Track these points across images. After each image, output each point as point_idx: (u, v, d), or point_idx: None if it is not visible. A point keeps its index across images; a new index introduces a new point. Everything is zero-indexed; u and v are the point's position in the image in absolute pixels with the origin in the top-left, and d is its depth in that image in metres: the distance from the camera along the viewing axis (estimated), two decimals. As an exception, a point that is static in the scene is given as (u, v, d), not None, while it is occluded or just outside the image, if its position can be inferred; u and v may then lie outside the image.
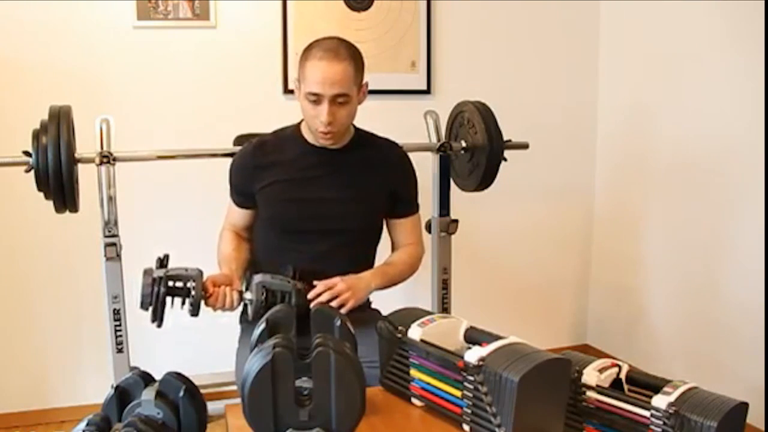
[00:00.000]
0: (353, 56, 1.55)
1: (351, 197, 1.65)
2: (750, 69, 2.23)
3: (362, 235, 1.71)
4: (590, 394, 1.08)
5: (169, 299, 1.41)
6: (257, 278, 1.47)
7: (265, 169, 1.64)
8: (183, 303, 1.43)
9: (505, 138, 2.03)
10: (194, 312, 1.42)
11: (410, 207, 1.76)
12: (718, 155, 2.42)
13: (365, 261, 1.73)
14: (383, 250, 1.83)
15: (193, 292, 1.42)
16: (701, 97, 2.47)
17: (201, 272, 1.44)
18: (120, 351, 1.85)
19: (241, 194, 1.70)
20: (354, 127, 1.70)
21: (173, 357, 2.36)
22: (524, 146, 2.18)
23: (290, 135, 1.69)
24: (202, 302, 1.44)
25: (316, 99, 1.52)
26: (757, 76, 2.19)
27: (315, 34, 1.65)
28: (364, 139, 1.71)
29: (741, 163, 2.33)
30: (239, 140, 1.96)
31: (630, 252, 2.90)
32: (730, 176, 2.38)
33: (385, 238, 1.81)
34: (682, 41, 2.56)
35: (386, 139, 1.76)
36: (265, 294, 1.45)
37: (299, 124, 1.69)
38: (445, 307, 2.20)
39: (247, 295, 1.47)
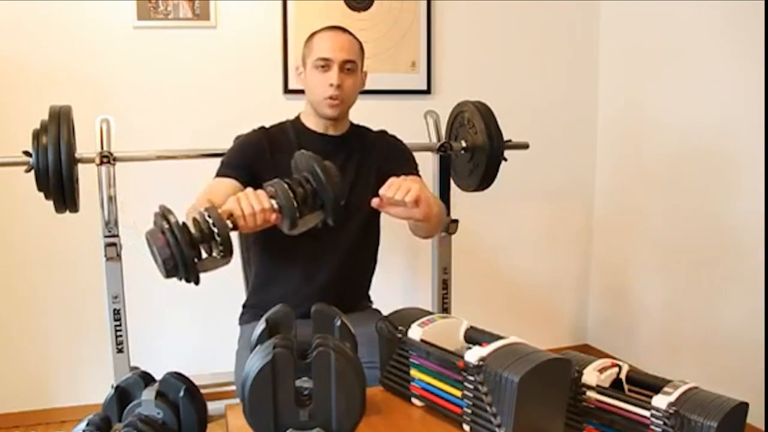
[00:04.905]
0: (356, 37, 1.67)
1: (354, 180, 1.67)
2: (750, 70, 2.23)
3: (367, 218, 1.71)
4: (590, 394, 1.07)
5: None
6: (272, 181, 1.25)
7: (273, 155, 1.62)
8: (210, 250, 1.16)
9: (505, 138, 2.03)
10: (226, 251, 1.15)
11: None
12: (719, 156, 2.42)
13: (369, 254, 1.76)
14: (385, 254, 1.84)
15: (215, 228, 1.14)
16: (702, 98, 2.47)
17: (212, 205, 1.20)
18: (120, 351, 1.85)
19: (244, 168, 1.61)
20: (350, 121, 1.75)
21: (173, 357, 2.36)
22: (524, 146, 2.18)
23: (290, 125, 1.72)
24: (233, 234, 1.18)
25: (324, 65, 1.60)
26: (757, 77, 2.19)
27: (315, 35, 1.67)
28: (360, 129, 1.78)
29: (741, 165, 2.33)
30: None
31: (630, 252, 2.90)
32: (730, 177, 2.38)
33: (387, 240, 1.81)
34: (682, 41, 2.56)
35: (379, 130, 1.81)
36: (290, 188, 1.23)
37: (297, 116, 1.73)
38: (445, 307, 2.20)
39: (273, 202, 1.23)
